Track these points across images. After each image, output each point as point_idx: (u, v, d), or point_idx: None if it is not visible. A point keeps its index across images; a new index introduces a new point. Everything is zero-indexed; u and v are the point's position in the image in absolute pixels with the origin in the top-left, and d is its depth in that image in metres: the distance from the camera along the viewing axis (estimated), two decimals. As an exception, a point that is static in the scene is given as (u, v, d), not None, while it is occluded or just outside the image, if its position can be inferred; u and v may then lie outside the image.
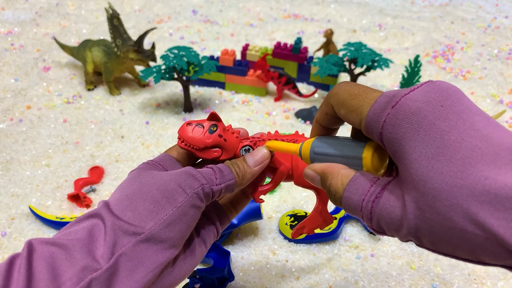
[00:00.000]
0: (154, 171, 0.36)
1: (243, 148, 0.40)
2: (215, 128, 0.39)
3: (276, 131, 0.42)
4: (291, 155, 0.40)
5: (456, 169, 0.23)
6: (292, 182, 0.42)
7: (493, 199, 0.21)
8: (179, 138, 0.38)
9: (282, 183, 0.78)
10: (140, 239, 0.31)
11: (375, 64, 0.93)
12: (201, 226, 0.38)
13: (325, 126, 0.33)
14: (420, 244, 0.25)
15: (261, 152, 0.38)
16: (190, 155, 0.40)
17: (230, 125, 0.40)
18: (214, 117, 0.39)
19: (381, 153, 0.30)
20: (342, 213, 0.69)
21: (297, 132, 0.42)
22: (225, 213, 0.40)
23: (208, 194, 0.35)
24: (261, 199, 0.40)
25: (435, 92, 0.25)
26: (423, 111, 0.24)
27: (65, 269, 0.28)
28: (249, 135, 0.42)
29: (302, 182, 0.41)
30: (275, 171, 0.41)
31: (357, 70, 0.98)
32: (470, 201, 0.22)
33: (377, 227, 0.27)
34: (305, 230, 0.41)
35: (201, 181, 0.34)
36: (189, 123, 0.39)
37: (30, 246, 0.30)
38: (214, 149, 0.39)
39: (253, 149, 0.40)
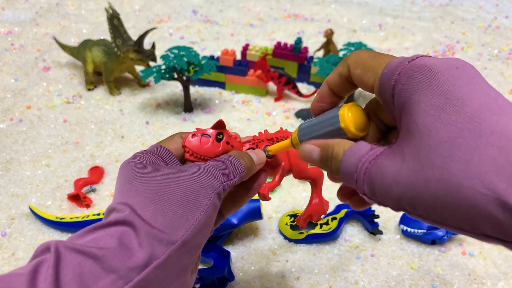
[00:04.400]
0: (161, 166, 0.35)
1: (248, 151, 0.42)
2: (221, 136, 0.39)
3: (266, 130, 0.44)
4: (287, 153, 0.43)
5: (464, 120, 0.22)
6: (291, 183, 0.44)
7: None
8: (187, 151, 0.38)
9: (282, 183, 0.78)
10: (174, 248, 0.30)
11: (375, 64, 0.93)
12: None
13: (333, 91, 0.33)
14: (412, 210, 0.24)
15: (262, 154, 0.40)
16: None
17: (228, 130, 0.41)
18: (220, 125, 0.39)
19: (360, 113, 0.31)
20: (342, 213, 0.69)
21: (281, 128, 0.44)
22: (220, 212, 0.40)
23: (226, 190, 0.35)
24: (269, 196, 0.41)
25: (453, 60, 0.26)
26: (438, 67, 0.25)
27: (94, 280, 0.27)
28: (241, 137, 0.43)
29: (304, 174, 0.44)
30: (276, 169, 0.43)
31: (357, 70, 0.97)
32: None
33: (369, 191, 0.26)
34: (314, 218, 0.44)
35: (220, 179, 0.34)
36: (194, 134, 0.39)
37: (57, 253, 0.27)
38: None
39: None
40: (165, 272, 0.29)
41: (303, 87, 1.07)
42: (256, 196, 0.47)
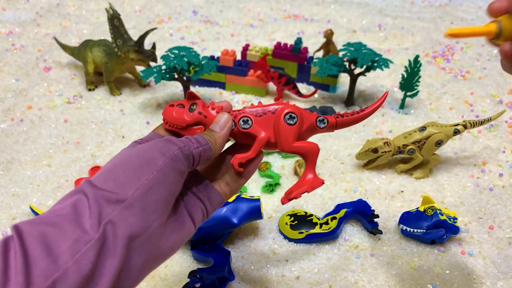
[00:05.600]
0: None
1: None
2: (194, 106, 0.41)
3: (260, 102, 0.44)
4: (271, 122, 0.41)
5: None
6: (291, 183, 0.42)
7: None
8: (163, 120, 0.41)
9: (282, 183, 0.79)
10: (124, 206, 0.31)
11: (375, 64, 0.93)
12: (188, 202, 0.38)
13: None
14: None
15: (223, 117, 0.40)
16: (177, 134, 0.41)
17: (212, 102, 0.42)
18: (192, 96, 0.41)
19: None
20: (342, 213, 0.69)
21: (280, 100, 0.44)
22: (216, 191, 0.40)
23: (188, 156, 0.36)
24: (239, 168, 0.40)
25: None
26: None
27: (58, 244, 0.29)
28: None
29: (287, 148, 0.41)
30: (254, 140, 0.41)
31: (357, 70, 0.98)
32: None
33: None
34: (293, 194, 0.41)
35: (179, 144, 0.35)
36: (171, 105, 0.41)
37: (18, 229, 0.30)
38: (197, 126, 0.41)
39: (234, 122, 0.41)
40: (122, 229, 0.31)
41: (303, 87, 1.07)
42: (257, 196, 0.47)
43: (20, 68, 1.10)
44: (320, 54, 1.20)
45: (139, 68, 1.08)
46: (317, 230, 0.68)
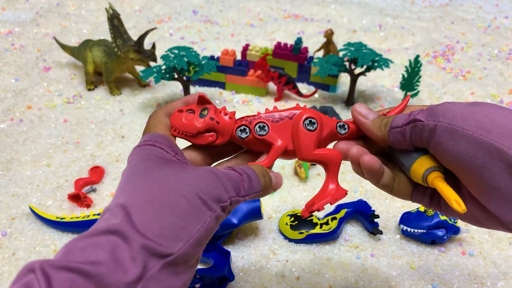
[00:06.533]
0: (170, 163, 0.33)
1: (239, 129, 0.38)
2: (206, 112, 0.37)
3: (275, 107, 0.40)
4: (289, 129, 0.38)
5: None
6: (291, 183, 0.41)
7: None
8: (171, 127, 0.37)
9: (282, 184, 0.78)
10: (168, 261, 0.28)
11: (375, 64, 0.93)
12: None
13: None
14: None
15: (281, 179, 0.38)
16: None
17: (224, 107, 0.39)
18: (203, 101, 0.38)
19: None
20: (342, 213, 0.69)
21: (297, 105, 0.40)
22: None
23: (233, 206, 0.33)
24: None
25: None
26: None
27: None
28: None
29: (308, 156, 0.38)
30: (269, 148, 0.38)
31: (357, 70, 0.98)
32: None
33: (426, 114, 0.33)
34: (315, 206, 0.38)
35: (230, 193, 0.32)
36: (180, 110, 0.37)
37: (45, 274, 0.25)
38: (208, 133, 0.37)
39: (249, 129, 0.38)
40: (159, 285, 0.28)
41: (303, 87, 1.07)
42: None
43: (19, 68, 1.10)
44: (320, 54, 1.20)
45: (139, 68, 1.08)
46: (317, 230, 0.68)
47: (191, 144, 0.39)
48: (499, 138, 0.29)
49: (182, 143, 0.40)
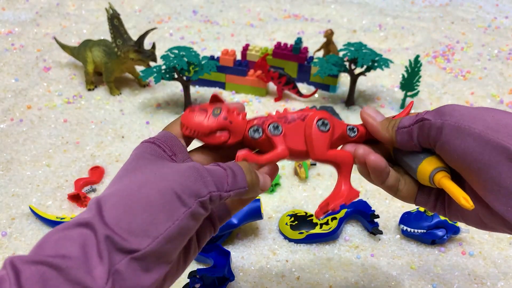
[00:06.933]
0: (159, 163, 0.33)
1: (252, 129, 0.38)
2: (218, 111, 0.36)
3: (285, 109, 0.40)
4: (302, 130, 0.38)
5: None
6: (291, 183, 0.41)
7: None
8: (183, 126, 0.36)
9: (282, 183, 0.78)
10: (136, 257, 0.28)
11: (375, 64, 0.93)
12: (199, 227, 0.34)
13: None
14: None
15: (269, 181, 0.37)
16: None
17: (235, 107, 0.38)
18: (215, 99, 0.37)
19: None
20: (342, 213, 0.69)
21: (307, 107, 0.41)
22: (227, 208, 0.38)
23: (214, 201, 0.31)
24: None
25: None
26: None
27: None
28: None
29: (321, 156, 0.38)
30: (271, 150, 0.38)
31: (357, 70, 0.98)
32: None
33: (434, 114, 0.34)
34: (330, 206, 0.37)
35: (210, 188, 0.31)
36: (192, 110, 0.37)
37: (15, 268, 0.25)
38: (221, 133, 0.37)
39: (262, 129, 0.37)
40: (126, 282, 0.27)
41: (303, 87, 1.07)
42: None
43: (19, 68, 1.10)
44: (320, 54, 1.20)
45: (139, 68, 1.08)
46: (317, 230, 0.68)
47: (201, 145, 0.39)
48: (506, 137, 0.30)
49: (193, 145, 0.39)
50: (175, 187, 0.30)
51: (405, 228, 0.67)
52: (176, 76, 0.93)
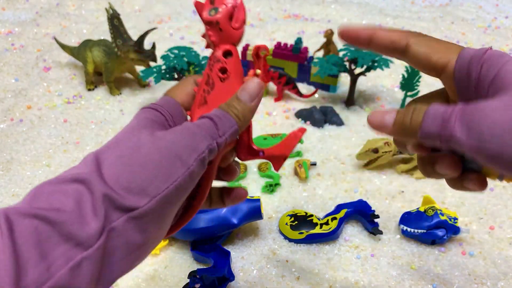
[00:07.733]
0: (156, 127, 0.33)
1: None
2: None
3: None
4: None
5: None
6: (291, 183, 0.40)
7: None
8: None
9: (282, 183, 0.78)
10: (133, 215, 0.27)
11: (375, 64, 0.93)
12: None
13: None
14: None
15: (253, 83, 0.35)
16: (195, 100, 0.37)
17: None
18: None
19: None
20: (342, 213, 0.69)
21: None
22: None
23: (213, 151, 0.31)
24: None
25: None
26: None
27: (52, 247, 0.25)
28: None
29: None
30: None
31: (357, 70, 0.98)
32: None
33: (463, 131, 0.27)
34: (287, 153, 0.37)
35: (207, 140, 0.31)
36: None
37: (8, 220, 0.25)
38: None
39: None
40: (123, 239, 0.27)
41: (303, 87, 1.07)
42: (257, 196, 0.45)
43: (19, 68, 1.10)
44: (320, 54, 1.20)
45: (139, 68, 1.08)
46: (317, 230, 0.68)
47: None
48: None
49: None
50: (173, 148, 0.30)
51: (405, 228, 0.67)
52: (176, 76, 0.93)
